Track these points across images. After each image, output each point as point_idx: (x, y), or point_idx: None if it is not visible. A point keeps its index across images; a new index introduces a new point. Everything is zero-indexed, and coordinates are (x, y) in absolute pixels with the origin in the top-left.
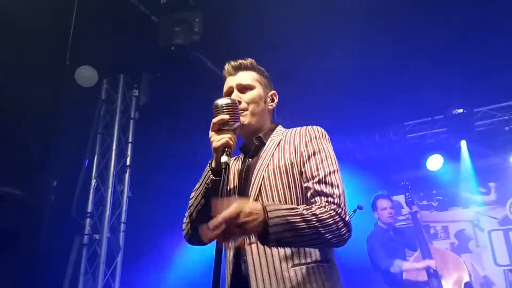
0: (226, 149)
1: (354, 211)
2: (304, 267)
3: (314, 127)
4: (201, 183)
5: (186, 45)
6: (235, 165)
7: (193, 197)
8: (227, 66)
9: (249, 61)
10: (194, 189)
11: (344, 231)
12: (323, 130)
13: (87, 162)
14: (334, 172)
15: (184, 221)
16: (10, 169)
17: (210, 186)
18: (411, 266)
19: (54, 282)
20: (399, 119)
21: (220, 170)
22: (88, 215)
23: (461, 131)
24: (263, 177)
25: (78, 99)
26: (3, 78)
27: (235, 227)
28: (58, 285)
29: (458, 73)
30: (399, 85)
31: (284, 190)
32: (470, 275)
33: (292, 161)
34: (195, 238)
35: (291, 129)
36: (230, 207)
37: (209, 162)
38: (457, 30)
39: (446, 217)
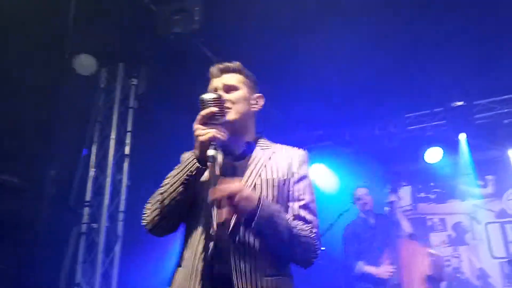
0: (213, 143)
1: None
2: (274, 278)
3: (305, 151)
4: (181, 170)
5: (186, 34)
6: None
7: (168, 183)
8: (212, 69)
9: (235, 64)
10: (169, 176)
11: (311, 257)
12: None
13: (85, 151)
14: (314, 200)
15: (149, 207)
16: (9, 157)
17: (193, 174)
18: (369, 270)
19: (52, 271)
20: (399, 112)
21: (205, 163)
22: (87, 204)
23: (460, 124)
24: (255, 185)
25: (77, 88)
26: (1, 66)
27: (229, 203)
28: (56, 274)
29: (458, 66)
30: (399, 78)
31: (274, 202)
32: (434, 269)
33: (285, 178)
34: (160, 227)
35: (280, 145)
36: (234, 185)
37: (193, 151)
38: (458, 23)
39: (444, 210)
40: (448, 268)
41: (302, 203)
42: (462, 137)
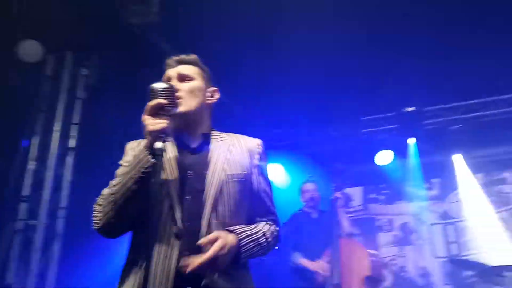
0: (162, 135)
1: None
2: (245, 270)
3: (259, 140)
4: (134, 167)
5: (143, 25)
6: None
7: (120, 182)
8: (168, 60)
9: (192, 56)
10: (120, 173)
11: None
12: None
13: (26, 142)
14: (272, 190)
15: (100, 209)
16: None
17: (148, 170)
18: (303, 263)
19: None
20: (354, 114)
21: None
22: (24, 199)
23: (411, 128)
24: (223, 182)
25: (21, 75)
26: None
27: (215, 263)
28: None
29: (411, 73)
30: (356, 81)
31: (240, 197)
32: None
33: (248, 172)
34: (115, 228)
35: (235, 135)
36: (214, 246)
37: (139, 141)
38: (414, 31)
39: (392, 210)
40: (394, 267)
41: (265, 194)
42: (412, 141)
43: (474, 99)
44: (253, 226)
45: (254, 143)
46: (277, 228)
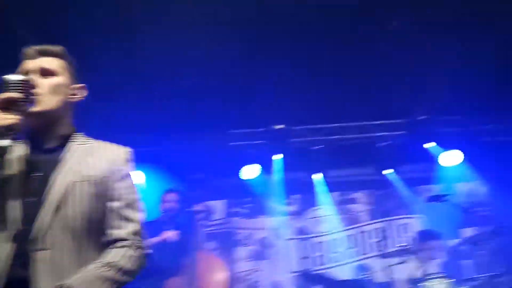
0: (10, 133)
1: None
2: None
3: (128, 148)
4: None
5: None
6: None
7: None
8: (28, 50)
9: (58, 48)
10: None
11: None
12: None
13: None
14: (139, 199)
15: None
16: None
17: None
18: (152, 240)
19: None
20: (223, 127)
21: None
22: None
23: (278, 145)
24: (71, 184)
25: None
26: None
27: None
28: None
29: (281, 91)
30: (228, 94)
31: (91, 201)
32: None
33: (107, 175)
34: None
35: (102, 142)
36: None
37: None
38: (289, 52)
39: (253, 225)
40: (248, 282)
41: (124, 202)
42: (278, 157)
43: (335, 123)
44: (92, 265)
45: (120, 150)
46: (140, 246)
